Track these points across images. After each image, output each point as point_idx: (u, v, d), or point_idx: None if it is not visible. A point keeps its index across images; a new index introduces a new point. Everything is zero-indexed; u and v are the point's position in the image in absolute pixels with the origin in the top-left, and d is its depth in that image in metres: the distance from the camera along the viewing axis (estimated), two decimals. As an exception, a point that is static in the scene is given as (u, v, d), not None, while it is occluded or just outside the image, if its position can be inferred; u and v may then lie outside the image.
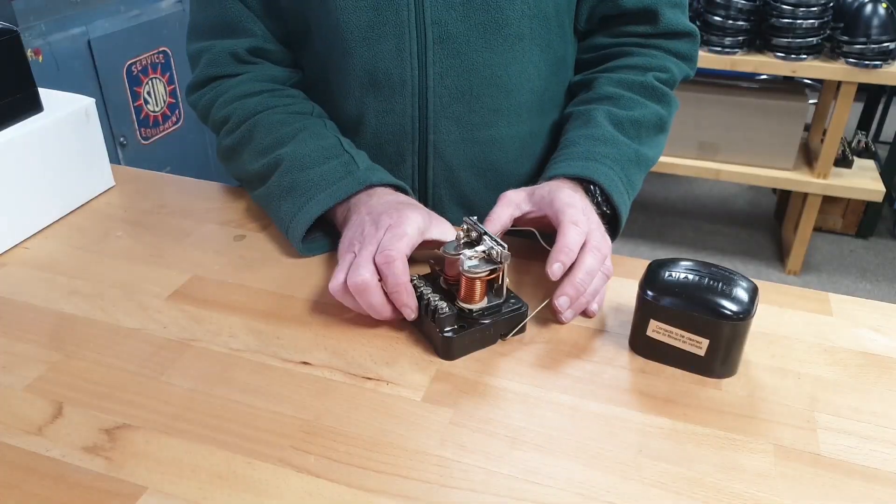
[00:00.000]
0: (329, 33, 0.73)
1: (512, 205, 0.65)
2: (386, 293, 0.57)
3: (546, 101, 0.80)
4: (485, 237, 0.58)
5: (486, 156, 0.78)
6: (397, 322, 0.61)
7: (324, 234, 0.71)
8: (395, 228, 0.59)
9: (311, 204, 0.67)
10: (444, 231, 0.62)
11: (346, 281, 0.57)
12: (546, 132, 0.82)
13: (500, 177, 0.80)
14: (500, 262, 0.56)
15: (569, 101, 0.83)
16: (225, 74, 0.78)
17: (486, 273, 0.56)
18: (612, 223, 0.70)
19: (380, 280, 0.57)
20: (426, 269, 0.63)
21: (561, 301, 0.59)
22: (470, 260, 0.57)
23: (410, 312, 0.57)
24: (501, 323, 0.58)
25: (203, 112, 0.80)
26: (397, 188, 0.70)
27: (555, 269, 0.58)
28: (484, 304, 0.58)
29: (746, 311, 0.54)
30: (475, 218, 0.60)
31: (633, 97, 0.76)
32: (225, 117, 0.76)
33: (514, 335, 0.59)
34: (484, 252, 0.57)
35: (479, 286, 0.57)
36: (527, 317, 0.60)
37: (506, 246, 0.57)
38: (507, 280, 0.58)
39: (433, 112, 0.75)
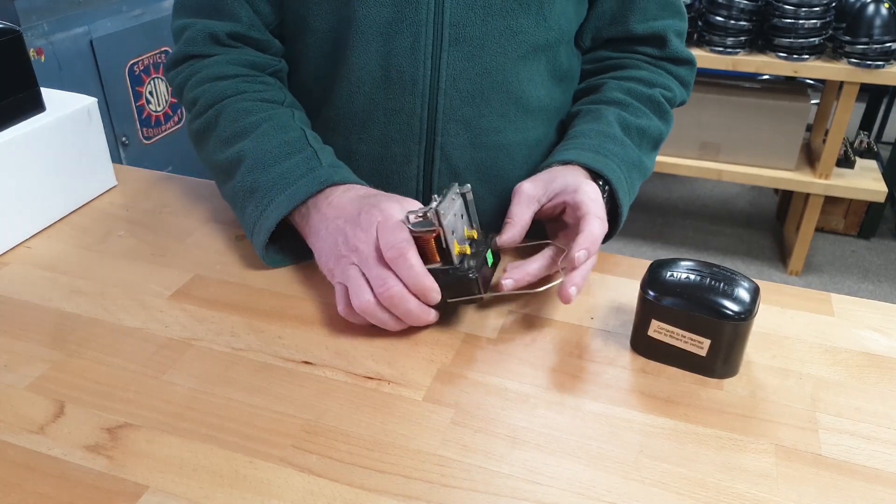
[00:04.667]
0: (343, 26, 0.72)
1: (532, 201, 0.65)
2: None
3: (552, 111, 0.81)
4: (436, 198, 0.58)
5: (492, 161, 0.78)
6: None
7: (287, 247, 0.69)
8: (387, 222, 0.58)
9: (270, 208, 0.65)
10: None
11: (353, 304, 0.58)
12: (551, 141, 0.83)
13: (505, 182, 0.80)
14: (435, 225, 0.57)
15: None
16: (200, 54, 0.76)
17: (426, 232, 0.57)
18: (609, 223, 0.70)
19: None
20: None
21: (572, 291, 0.59)
22: (414, 218, 0.57)
23: (436, 295, 0.57)
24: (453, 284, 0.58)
25: (178, 90, 0.78)
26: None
27: (580, 255, 0.59)
28: (438, 265, 0.58)
29: (748, 312, 0.54)
30: (464, 188, 0.61)
31: (640, 107, 0.77)
32: (195, 98, 0.74)
33: (464, 302, 0.60)
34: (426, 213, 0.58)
35: (431, 246, 0.58)
36: (473, 282, 0.59)
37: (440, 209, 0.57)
38: (454, 243, 0.58)
39: (442, 114, 0.74)
